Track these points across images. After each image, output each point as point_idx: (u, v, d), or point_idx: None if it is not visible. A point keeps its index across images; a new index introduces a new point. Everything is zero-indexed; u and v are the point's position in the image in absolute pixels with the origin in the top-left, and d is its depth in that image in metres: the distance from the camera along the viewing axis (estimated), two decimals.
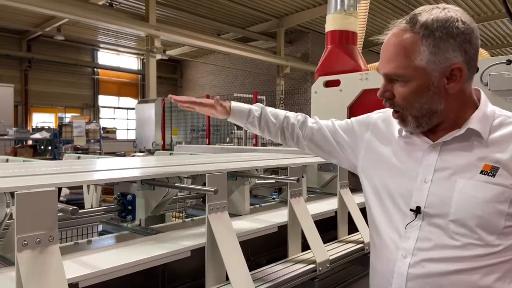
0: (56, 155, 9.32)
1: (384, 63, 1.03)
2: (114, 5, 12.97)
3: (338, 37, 3.30)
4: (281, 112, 1.44)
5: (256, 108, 1.44)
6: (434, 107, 1.00)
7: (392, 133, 1.15)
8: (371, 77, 2.88)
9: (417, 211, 1.01)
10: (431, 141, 1.05)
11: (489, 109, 1.04)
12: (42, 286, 0.87)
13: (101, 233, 1.76)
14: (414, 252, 1.00)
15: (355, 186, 2.73)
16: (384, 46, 1.04)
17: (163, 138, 9.36)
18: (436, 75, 0.97)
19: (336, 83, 3.08)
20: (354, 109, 2.98)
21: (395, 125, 1.13)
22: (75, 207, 0.96)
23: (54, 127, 11.20)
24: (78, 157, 2.70)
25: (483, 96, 1.07)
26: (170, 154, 3.12)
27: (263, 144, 7.09)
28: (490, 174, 0.96)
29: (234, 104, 1.45)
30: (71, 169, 1.56)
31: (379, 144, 1.18)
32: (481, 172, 0.97)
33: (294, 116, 1.42)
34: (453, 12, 0.97)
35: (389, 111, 1.21)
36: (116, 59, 19.09)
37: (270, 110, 1.45)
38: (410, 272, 1.00)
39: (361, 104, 2.95)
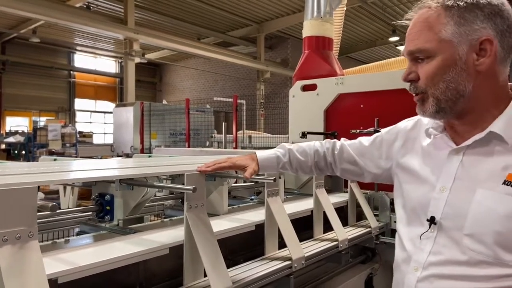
0: (30, 159, 9.10)
1: (408, 42, 0.96)
2: (91, 7, 12.80)
3: (315, 42, 3.40)
4: (309, 148, 1.36)
5: (282, 151, 1.37)
6: (461, 87, 0.90)
7: (420, 139, 1.08)
8: (346, 82, 2.98)
9: (431, 221, 0.94)
10: (455, 144, 0.96)
11: None
12: (22, 281, 0.88)
13: (78, 234, 1.76)
14: (425, 265, 0.94)
15: (331, 187, 2.81)
16: (409, 27, 0.97)
17: (142, 142, 9.27)
18: (464, 48, 0.89)
19: (313, 87, 3.17)
20: (330, 113, 3.07)
21: (423, 128, 1.07)
22: (54, 203, 0.98)
23: (28, 131, 10.92)
24: (55, 159, 2.68)
25: None
26: (149, 156, 3.13)
27: (243, 148, 7.13)
28: None
29: (260, 157, 1.35)
30: (48, 169, 1.57)
31: (407, 152, 1.11)
32: (504, 183, 0.86)
33: (321, 146, 1.35)
34: None
35: (418, 117, 1.13)
36: (93, 62, 18.79)
37: (296, 149, 1.36)
38: (418, 286, 0.95)
39: (337, 108, 3.04)
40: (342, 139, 1.37)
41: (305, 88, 3.22)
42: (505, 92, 0.94)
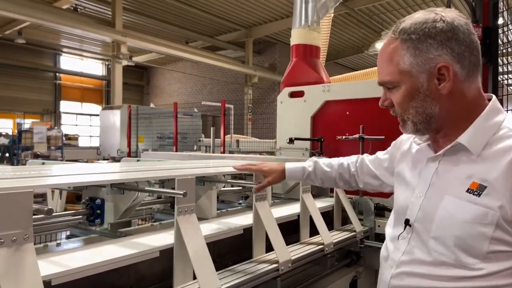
0: (15, 162, 8.96)
1: (378, 74, 1.05)
2: (79, 9, 12.71)
3: (303, 50, 3.48)
4: (335, 160, 1.53)
5: (309, 163, 1.55)
6: (429, 110, 0.98)
7: (411, 148, 1.16)
8: (333, 89, 3.05)
9: (406, 223, 1.03)
10: (433, 152, 1.04)
11: (493, 120, 0.96)
12: (18, 282, 0.91)
13: (68, 237, 1.78)
14: (398, 264, 1.03)
15: (317, 191, 2.87)
16: (377, 58, 1.06)
17: (129, 145, 9.22)
18: (424, 76, 0.96)
19: (300, 94, 3.24)
20: (317, 119, 3.14)
21: (413, 137, 1.15)
22: (50, 207, 1.01)
23: (12, 133, 10.75)
24: (43, 163, 2.68)
25: (490, 104, 0.99)
26: (138, 160, 3.14)
27: (231, 152, 7.17)
28: (476, 193, 0.91)
29: (287, 168, 1.55)
30: (40, 173, 1.59)
31: (401, 160, 1.19)
32: (468, 190, 0.92)
33: (347, 159, 1.50)
34: (435, 14, 0.96)
35: None
36: (79, 64, 18.60)
37: (323, 161, 1.54)
38: (391, 282, 1.04)
39: (324, 114, 3.11)
40: (366, 155, 1.48)
41: (292, 95, 3.29)
42: (477, 104, 0.99)
